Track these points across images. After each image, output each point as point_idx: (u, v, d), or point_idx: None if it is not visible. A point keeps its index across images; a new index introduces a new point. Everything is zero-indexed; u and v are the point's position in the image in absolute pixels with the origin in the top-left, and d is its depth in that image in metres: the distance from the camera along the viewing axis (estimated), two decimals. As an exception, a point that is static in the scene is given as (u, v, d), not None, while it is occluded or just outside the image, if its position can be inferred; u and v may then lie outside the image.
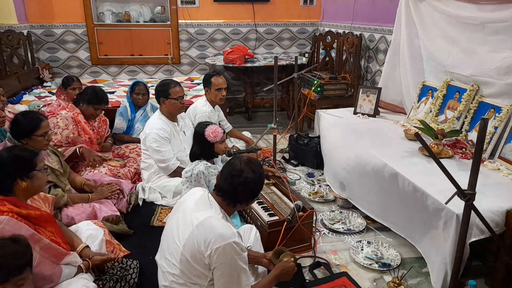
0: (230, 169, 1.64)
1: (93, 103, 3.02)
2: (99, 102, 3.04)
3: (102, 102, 3.06)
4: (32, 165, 1.74)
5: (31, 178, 1.72)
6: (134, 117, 3.57)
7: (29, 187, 1.72)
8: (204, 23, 5.36)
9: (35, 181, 1.74)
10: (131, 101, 3.55)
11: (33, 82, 4.64)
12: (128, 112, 3.54)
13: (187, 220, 1.58)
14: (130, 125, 3.57)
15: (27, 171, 1.72)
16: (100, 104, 3.05)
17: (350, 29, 4.53)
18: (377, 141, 2.83)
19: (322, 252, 2.35)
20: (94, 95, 3.03)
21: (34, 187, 1.75)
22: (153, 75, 5.47)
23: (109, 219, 2.40)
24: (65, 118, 2.91)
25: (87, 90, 3.09)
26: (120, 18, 5.27)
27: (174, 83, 2.90)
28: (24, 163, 1.72)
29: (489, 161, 2.38)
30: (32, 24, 5.00)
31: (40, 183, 1.77)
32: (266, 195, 2.60)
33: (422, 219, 2.09)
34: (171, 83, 2.90)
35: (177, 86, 2.88)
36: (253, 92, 5.28)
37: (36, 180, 1.74)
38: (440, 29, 2.99)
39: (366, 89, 3.58)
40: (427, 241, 2.09)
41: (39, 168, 1.76)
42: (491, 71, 2.52)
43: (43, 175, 1.79)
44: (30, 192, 1.75)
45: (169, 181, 2.87)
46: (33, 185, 1.74)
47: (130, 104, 3.55)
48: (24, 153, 1.76)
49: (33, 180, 1.73)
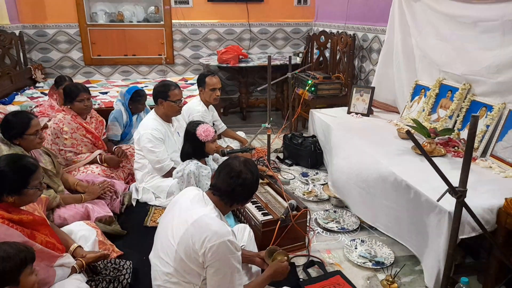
0: (229, 170, 1.65)
1: (75, 98, 2.88)
2: (78, 93, 2.88)
3: (79, 91, 2.89)
4: (25, 183, 1.68)
5: (20, 195, 1.67)
6: (130, 122, 3.41)
7: (16, 202, 1.68)
8: (198, 23, 5.35)
9: (24, 198, 1.70)
10: (127, 105, 3.39)
11: (26, 82, 4.60)
12: (123, 117, 3.36)
13: (182, 218, 1.57)
14: (125, 131, 3.40)
15: (18, 188, 1.67)
16: (80, 94, 2.88)
17: (343, 29, 4.54)
18: (371, 140, 2.84)
19: (316, 251, 2.35)
20: (69, 92, 2.90)
21: (22, 202, 1.71)
22: (146, 76, 5.45)
23: (102, 220, 2.39)
24: (67, 122, 2.87)
25: (64, 91, 2.97)
26: (113, 18, 5.25)
27: (174, 86, 2.88)
28: (17, 180, 1.67)
29: (481, 159, 2.40)
30: (24, 25, 4.96)
31: (29, 200, 1.73)
32: (260, 195, 2.60)
33: (415, 217, 2.10)
34: (171, 85, 2.87)
35: (177, 89, 2.87)
36: (248, 92, 5.29)
37: (25, 197, 1.70)
38: (433, 27, 3.01)
39: (359, 88, 3.59)
40: (419, 239, 2.10)
41: (31, 186, 1.70)
42: (482, 69, 2.55)
43: (34, 193, 1.73)
44: (17, 205, 1.71)
45: (162, 181, 2.86)
46: (21, 201, 1.70)
47: (126, 108, 3.39)
48: (22, 167, 1.70)
49: (21, 197, 1.68)
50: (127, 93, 3.39)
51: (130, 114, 3.40)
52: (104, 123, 3.25)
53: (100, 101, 4.01)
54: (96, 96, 4.23)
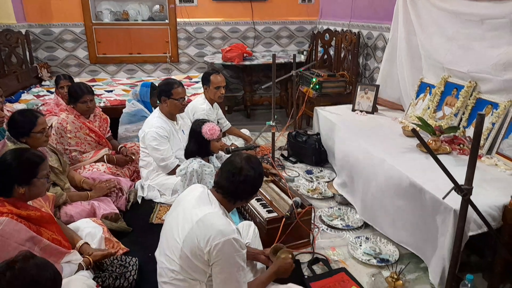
0: (231, 167, 1.65)
1: (78, 100, 2.91)
2: (82, 95, 2.90)
3: (83, 93, 2.90)
4: (34, 173, 1.72)
5: (29, 185, 1.71)
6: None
7: (26, 193, 1.71)
8: (203, 21, 5.36)
9: (33, 189, 1.73)
10: (148, 102, 3.38)
11: (32, 81, 4.63)
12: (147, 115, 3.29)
13: (187, 217, 1.58)
14: None
15: (27, 178, 1.71)
16: (83, 96, 2.90)
17: (348, 26, 4.53)
18: (376, 138, 2.83)
19: (320, 248, 2.35)
20: (73, 93, 2.92)
21: (32, 194, 1.74)
22: (151, 74, 5.47)
23: (108, 217, 2.41)
24: (71, 122, 2.89)
25: (68, 91, 2.99)
26: (118, 17, 5.27)
27: (178, 84, 2.89)
28: (26, 170, 1.71)
29: (487, 157, 2.39)
30: (31, 24, 5.00)
31: (38, 192, 1.76)
32: (265, 192, 2.60)
33: (419, 215, 2.10)
34: (175, 83, 2.89)
35: (180, 87, 2.88)
36: (252, 90, 5.29)
37: (35, 188, 1.73)
38: (438, 26, 2.99)
39: (364, 86, 3.58)
40: (424, 237, 2.09)
41: (40, 176, 1.74)
42: (488, 67, 2.53)
43: (43, 184, 1.76)
44: (27, 197, 1.74)
45: (167, 178, 2.87)
46: (31, 193, 1.73)
47: (147, 105, 3.39)
48: (28, 159, 1.74)
49: (31, 188, 1.71)
50: (145, 87, 3.38)
51: (150, 109, 3.39)
52: (109, 121, 3.28)
53: (106, 99, 4.03)
54: (102, 95, 4.25)
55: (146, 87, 3.43)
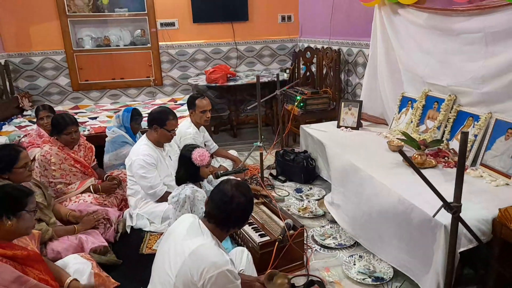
0: (221, 196, 1.64)
1: (62, 131, 2.86)
2: (65, 126, 2.85)
3: (67, 125, 2.86)
4: (22, 205, 1.68)
5: (18, 217, 1.66)
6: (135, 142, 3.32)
7: (13, 227, 1.65)
8: (185, 44, 5.39)
9: (21, 223, 1.67)
10: (129, 127, 3.36)
11: (13, 111, 4.55)
12: (128, 140, 3.34)
13: (179, 250, 1.55)
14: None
15: (16, 209, 1.65)
16: (67, 127, 2.85)
17: (328, 44, 4.62)
18: (363, 154, 2.85)
19: (315, 269, 2.34)
20: (56, 124, 2.87)
21: (20, 228, 1.68)
22: (135, 98, 5.44)
23: (96, 250, 2.35)
24: (55, 154, 2.84)
25: (52, 122, 2.94)
26: (99, 43, 5.25)
27: (173, 116, 2.86)
28: (14, 201, 1.66)
29: (472, 169, 2.43)
30: (10, 53, 4.94)
31: (26, 226, 1.71)
32: (256, 215, 2.58)
33: (409, 231, 2.09)
34: (170, 114, 2.85)
35: (175, 120, 2.86)
36: (237, 110, 5.31)
37: (23, 221, 1.68)
38: (416, 41, 3.06)
39: (348, 102, 3.64)
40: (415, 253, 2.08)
41: (28, 209, 1.69)
42: (467, 80, 2.60)
43: (31, 217, 1.72)
44: (14, 233, 1.69)
45: (156, 206, 2.83)
46: (19, 227, 1.67)
47: (128, 130, 3.37)
48: (17, 189, 1.71)
49: (19, 221, 1.66)
50: (127, 112, 3.37)
51: (132, 135, 3.38)
52: (93, 150, 3.22)
53: (90, 127, 3.98)
54: (86, 122, 4.20)
55: (127, 112, 3.40)
